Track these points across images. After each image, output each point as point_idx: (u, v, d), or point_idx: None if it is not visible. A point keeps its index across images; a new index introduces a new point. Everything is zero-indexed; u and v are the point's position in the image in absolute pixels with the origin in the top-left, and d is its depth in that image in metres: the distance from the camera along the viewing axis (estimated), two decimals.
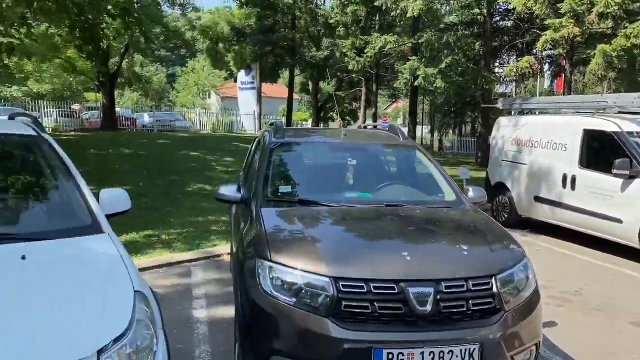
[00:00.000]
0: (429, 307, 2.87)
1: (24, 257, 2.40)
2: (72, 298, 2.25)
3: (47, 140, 3.46)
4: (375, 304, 2.85)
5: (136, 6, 20.11)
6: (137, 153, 16.02)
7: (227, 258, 6.52)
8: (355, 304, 2.85)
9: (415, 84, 20.21)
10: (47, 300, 2.20)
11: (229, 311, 4.75)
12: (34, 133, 3.49)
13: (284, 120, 32.29)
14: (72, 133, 22.96)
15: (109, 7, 16.32)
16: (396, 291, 2.88)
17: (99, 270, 2.54)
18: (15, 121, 3.78)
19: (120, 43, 27.25)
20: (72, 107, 29.00)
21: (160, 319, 2.49)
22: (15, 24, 8.99)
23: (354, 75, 29.01)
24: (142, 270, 5.72)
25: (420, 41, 19.87)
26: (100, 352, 2.02)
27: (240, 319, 3.23)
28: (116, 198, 3.24)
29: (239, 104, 40.95)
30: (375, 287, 2.87)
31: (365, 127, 7.40)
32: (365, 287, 2.87)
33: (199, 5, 73.36)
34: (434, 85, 19.13)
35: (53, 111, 27.48)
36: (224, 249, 6.89)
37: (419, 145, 5.87)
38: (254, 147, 5.69)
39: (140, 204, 9.15)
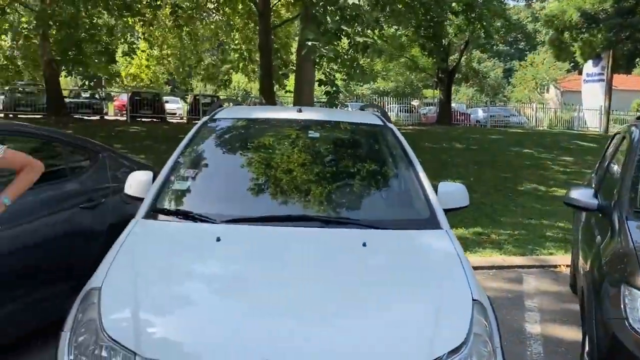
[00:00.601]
0: None
1: (364, 244, 2.39)
2: (406, 297, 2.14)
3: (392, 129, 3.52)
4: None
5: (479, 1, 20.03)
6: (468, 147, 16.03)
7: (566, 270, 5.73)
8: None
9: None
10: (382, 293, 2.14)
11: (568, 333, 4.15)
12: (380, 122, 3.59)
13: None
14: (410, 127, 24.58)
15: (453, 4, 16.70)
16: None
17: (435, 269, 2.37)
18: (366, 112, 4.02)
19: (460, 39, 27.78)
20: (412, 102, 31.22)
21: (499, 335, 2.16)
22: (370, 26, 9.97)
23: None
24: None
25: None
26: None
27: (594, 351, 2.63)
28: (455, 192, 3.07)
29: (582, 98, 36.91)
30: None
31: None
32: None
33: None
34: None
35: (394, 106, 30.18)
36: (562, 259, 6.09)
37: None
38: (612, 145, 4.78)
39: (470, 198, 8.94)
